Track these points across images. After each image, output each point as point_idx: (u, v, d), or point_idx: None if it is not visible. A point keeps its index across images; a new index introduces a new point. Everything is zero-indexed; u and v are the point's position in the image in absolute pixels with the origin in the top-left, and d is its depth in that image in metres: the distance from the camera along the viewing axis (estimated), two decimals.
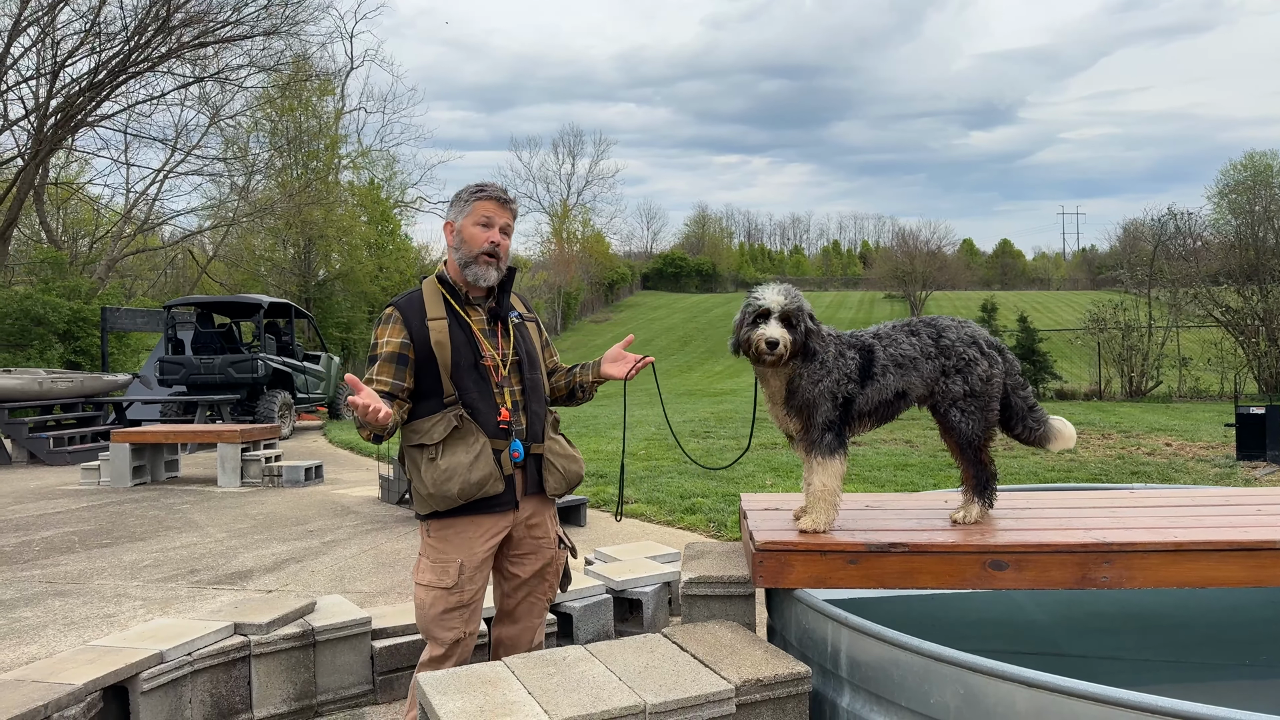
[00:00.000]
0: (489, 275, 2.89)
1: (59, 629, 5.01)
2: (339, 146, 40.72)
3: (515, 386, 2.91)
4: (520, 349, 2.96)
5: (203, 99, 27.80)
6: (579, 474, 3.01)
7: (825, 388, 2.79)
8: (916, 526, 2.89)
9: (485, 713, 2.24)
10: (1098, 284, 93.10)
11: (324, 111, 39.09)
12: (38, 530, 7.70)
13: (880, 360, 2.86)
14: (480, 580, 2.84)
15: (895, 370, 2.87)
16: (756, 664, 2.50)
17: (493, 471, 2.76)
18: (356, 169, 43.87)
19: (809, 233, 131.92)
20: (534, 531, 2.92)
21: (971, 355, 2.92)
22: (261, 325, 15.52)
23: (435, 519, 2.81)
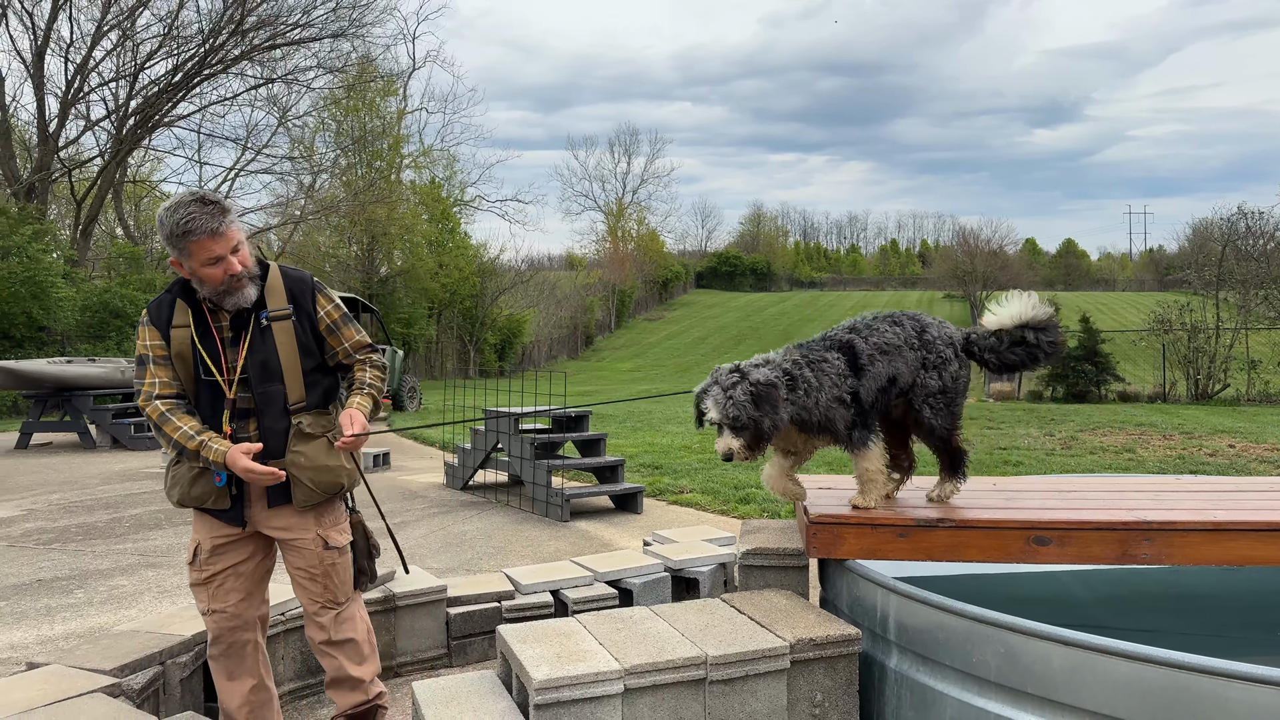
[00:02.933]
0: (248, 296, 2.87)
1: (153, 596, 5.37)
2: (402, 146, 41.57)
3: (247, 402, 2.89)
4: (255, 359, 2.88)
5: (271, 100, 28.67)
6: (335, 482, 2.94)
7: (825, 401, 2.86)
8: (962, 504, 3.04)
9: (560, 658, 2.46)
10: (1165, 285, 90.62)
11: (387, 112, 39.94)
12: (126, 509, 8.16)
13: (864, 351, 2.94)
14: (220, 565, 2.95)
15: (881, 357, 2.96)
16: (809, 625, 2.69)
17: (212, 489, 2.85)
18: (418, 168, 44.74)
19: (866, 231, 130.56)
20: (290, 537, 2.96)
21: (948, 355, 3.04)
22: None
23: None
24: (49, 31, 22.28)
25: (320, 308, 3.00)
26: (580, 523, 7.27)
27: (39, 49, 22.59)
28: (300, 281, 3.00)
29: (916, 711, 2.56)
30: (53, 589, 5.53)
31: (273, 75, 25.86)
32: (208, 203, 2.80)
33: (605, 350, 60.51)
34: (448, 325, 46.21)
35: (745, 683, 2.52)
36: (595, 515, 7.55)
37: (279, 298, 2.94)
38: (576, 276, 66.65)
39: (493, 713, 2.42)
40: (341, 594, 3.06)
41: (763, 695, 2.54)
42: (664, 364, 50.50)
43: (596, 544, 6.55)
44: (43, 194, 22.98)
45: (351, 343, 3.07)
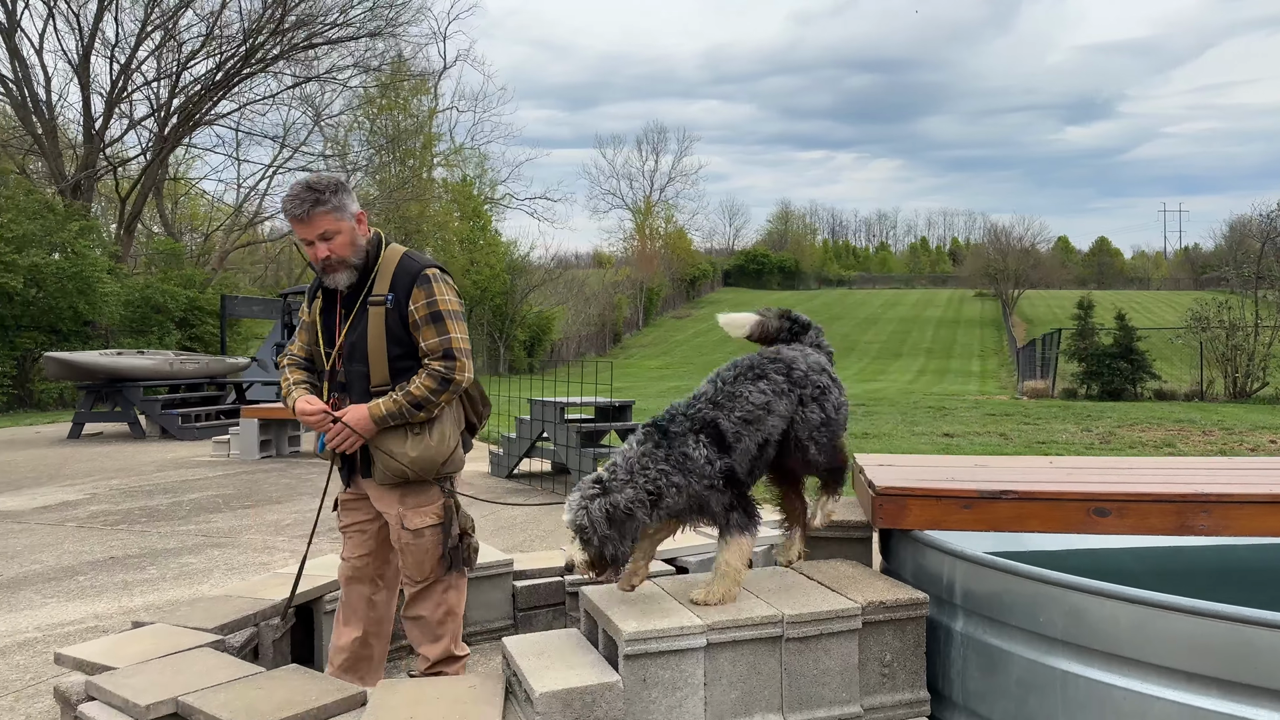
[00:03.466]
0: (339, 280, 3.06)
1: (223, 573, 5.58)
2: (434, 145, 41.98)
3: (343, 376, 3.09)
4: (349, 339, 3.06)
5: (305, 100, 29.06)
6: (399, 469, 3.04)
7: (696, 493, 2.66)
8: (1024, 478, 3.16)
9: (647, 615, 2.61)
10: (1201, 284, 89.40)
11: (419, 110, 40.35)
12: (185, 493, 8.42)
13: (729, 430, 2.71)
14: (346, 519, 3.29)
15: (748, 428, 2.74)
16: (878, 590, 2.82)
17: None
18: (450, 166, 45.17)
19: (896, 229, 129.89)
20: (380, 509, 3.18)
21: (824, 383, 2.88)
22: None
23: None
24: (94, 32, 22.79)
25: (412, 301, 3.04)
26: None
27: (85, 49, 23.09)
28: (406, 272, 3.08)
29: (982, 670, 2.69)
30: (126, 566, 5.77)
31: (310, 74, 26.25)
32: (308, 189, 3.00)
33: (633, 348, 60.69)
34: (478, 322, 46.56)
35: (819, 641, 2.65)
36: None
37: (384, 283, 3.07)
38: (605, 274, 66.92)
39: (583, 664, 2.57)
40: (418, 573, 3.19)
41: (835, 654, 2.67)
42: (691, 361, 50.59)
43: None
44: (88, 191, 23.49)
45: (426, 344, 3.05)
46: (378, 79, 31.13)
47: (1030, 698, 2.54)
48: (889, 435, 12.20)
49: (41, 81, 23.68)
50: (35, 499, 8.21)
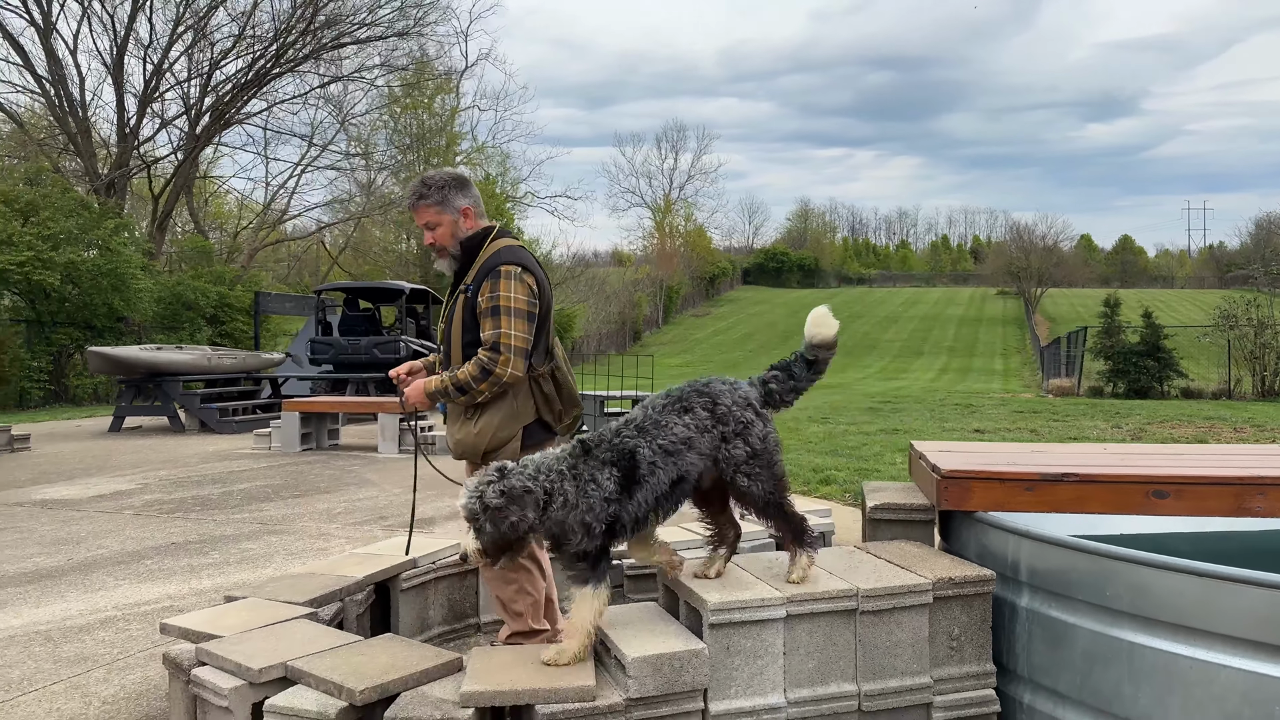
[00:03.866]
0: (441, 267, 3.41)
1: (283, 558, 5.76)
2: (457, 143, 42.24)
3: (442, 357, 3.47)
4: (443, 324, 3.43)
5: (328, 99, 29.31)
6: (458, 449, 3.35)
7: (575, 519, 2.62)
8: (1082, 463, 3.28)
9: (725, 588, 2.75)
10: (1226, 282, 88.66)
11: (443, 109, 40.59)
12: (234, 484, 8.62)
13: (646, 459, 2.71)
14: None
15: (666, 459, 2.73)
16: (945, 568, 2.95)
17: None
18: (473, 165, 45.39)
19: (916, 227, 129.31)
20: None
21: (748, 418, 2.84)
22: (403, 310, 16.54)
23: None
24: (128, 33, 23.16)
25: (481, 293, 3.21)
26: None
27: (119, 50, 23.45)
28: (486, 265, 3.25)
29: (1047, 644, 2.81)
30: (188, 551, 5.96)
31: (339, 74, 26.55)
32: (420, 183, 3.36)
33: (653, 346, 60.82)
34: None
35: (892, 615, 2.78)
36: None
37: (473, 274, 3.29)
38: (625, 273, 67.09)
39: (667, 633, 2.71)
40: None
41: (907, 627, 2.80)
42: (711, 360, 50.70)
43: (686, 518, 6.82)
44: (121, 190, 23.86)
45: (484, 334, 3.19)
46: (402, 78, 31.42)
47: (1095, 669, 2.66)
48: (918, 431, 12.28)
49: (75, 81, 24.12)
50: (89, 488, 8.44)
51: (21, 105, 25.72)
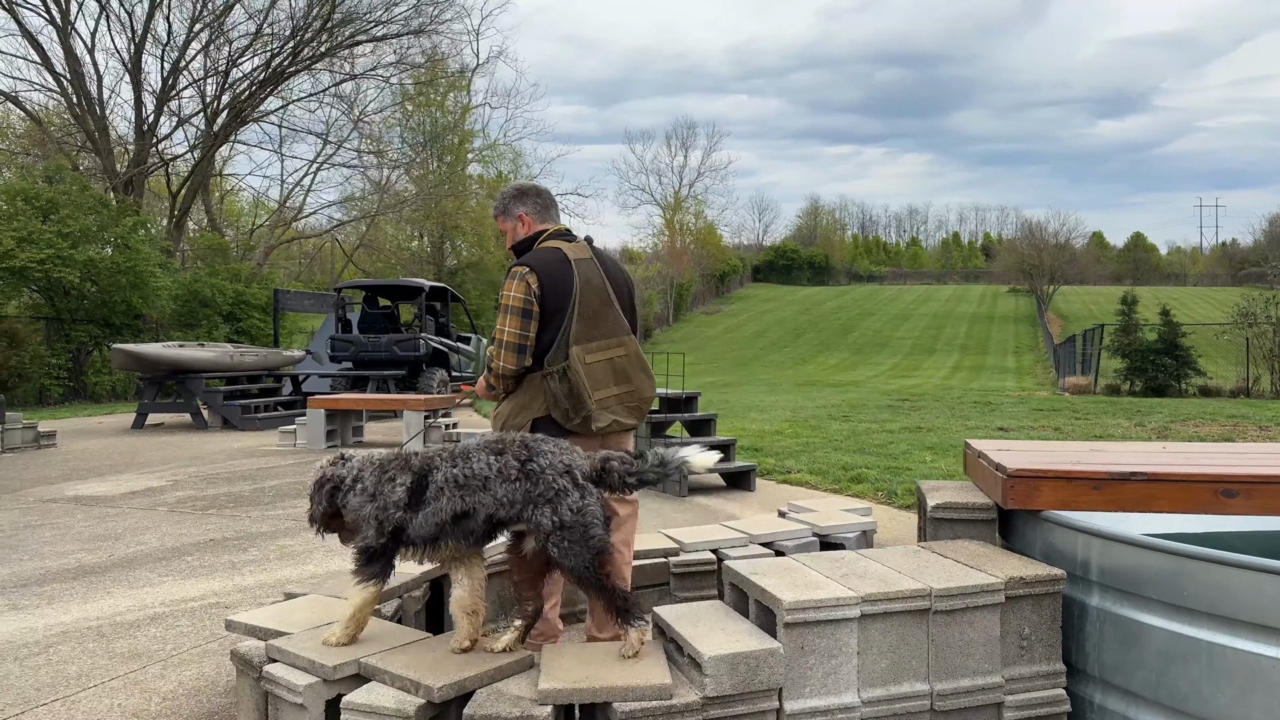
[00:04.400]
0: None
1: (323, 555, 5.78)
2: (470, 141, 42.30)
3: None
4: None
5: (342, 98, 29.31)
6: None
7: (368, 512, 2.82)
8: (1148, 461, 3.26)
9: (798, 587, 2.74)
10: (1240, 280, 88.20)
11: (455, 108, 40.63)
12: (264, 480, 8.66)
13: (435, 482, 2.78)
14: None
15: (453, 490, 2.76)
16: (1015, 567, 2.94)
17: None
18: (485, 162, 45.47)
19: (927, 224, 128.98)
20: None
21: (562, 485, 2.75)
22: (422, 308, 16.57)
23: None
24: (146, 31, 23.23)
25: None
26: (698, 498, 7.57)
27: (136, 48, 23.53)
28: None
29: (1121, 643, 2.79)
30: (228, 548, 5.98)
31: (354, 72, 26.60)
32: (499, 195, 3.73)
33: (664, 343, 60.80)
34: None
35: (964, 614, 2.77)
36: (710, 492, 7.83)
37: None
38: (636, 270, 67.06)
39: (740, 631, 2.71)
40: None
41: (979, 626, 2.79)
42: (723, 357, 50.66)
43: (721, 517, 6.83)
44: (139, 187, 23.95)
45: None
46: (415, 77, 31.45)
47: (1172, 668, 2.65)
48: (942, 429, 12.25)
49: (93, 79, 24.22)
50: (121, 485, 8.48)
51: (40, 103, 25.86)
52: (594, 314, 3.34)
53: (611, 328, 3.38)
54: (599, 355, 3.32)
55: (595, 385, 3.30)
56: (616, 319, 3.40)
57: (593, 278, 3.37)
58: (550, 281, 3.33)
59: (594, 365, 3.30)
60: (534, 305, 3.30)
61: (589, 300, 3.34)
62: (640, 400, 3.40)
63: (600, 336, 3.35)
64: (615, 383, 3.34)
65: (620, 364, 3.36)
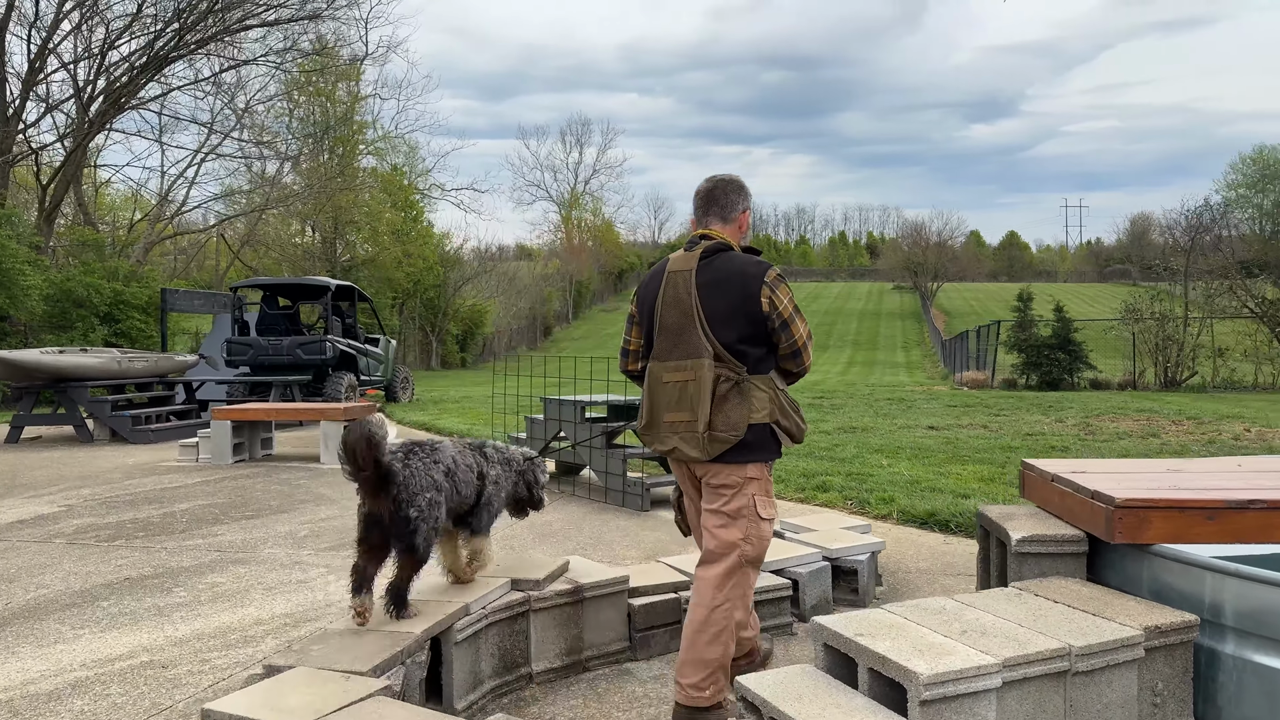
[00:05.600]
0: None
1: (262, 593, 5.10)
2: (363, 132, 40.73)
3: None
4: None
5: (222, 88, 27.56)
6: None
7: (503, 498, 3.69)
8: (1248, 484, 2.98)
9: (925, 653, 2.33)
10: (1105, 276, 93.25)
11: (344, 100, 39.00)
12: (173, 503, 7.79)
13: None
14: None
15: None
16: (1140, 613, 2.60)
17: None
18: (379, 155, 43.92)
19: (814, 223, 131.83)
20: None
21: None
22: (328, 308, 15.60)
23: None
24: (10, 9, 21.26)
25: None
26: (661, 512, 7.13)
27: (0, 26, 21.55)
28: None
29: (1266, 696, 2.49)
30: (148, 588, 5.23)
31: (241, 58, 25.05)
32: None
33: (564, 341, 60.22)
34: (410, 316, 45.53)
35: (1104, 674, 2.42)
36: (669, 505, 7.40)
37: None
38: (534, 267, 66.15)
39: (856, 708, 2.28)
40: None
41: (1117, 686, 2.45)
42: None
43: None
44: (3, 178, 21.98)
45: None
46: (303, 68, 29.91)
47: None
48: (877, 429, 12.15)
49: None
50: (4, 513, 7.48)
51: None
52: (674, 332, 3.12)
53: (689, 349, 3.06)
54: (674, 376, 3.10)
55: (666, 406, 3.12)
56: (696, 342, 3.04)
57: (679, 295, 3.11)
58: (642, 292, 3.34)
59: (668, 385, 3.11)
60: (634, 311, 3.38)
61: (667, 317, 3.14)
62: (698, 432, 3.02)
63: (679, 356, 3.10)
64: (685, 408, 3.06)
65: (690, 389, 3.05)
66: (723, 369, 3.01)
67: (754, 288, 3.04)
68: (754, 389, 3.02)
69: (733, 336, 3.03)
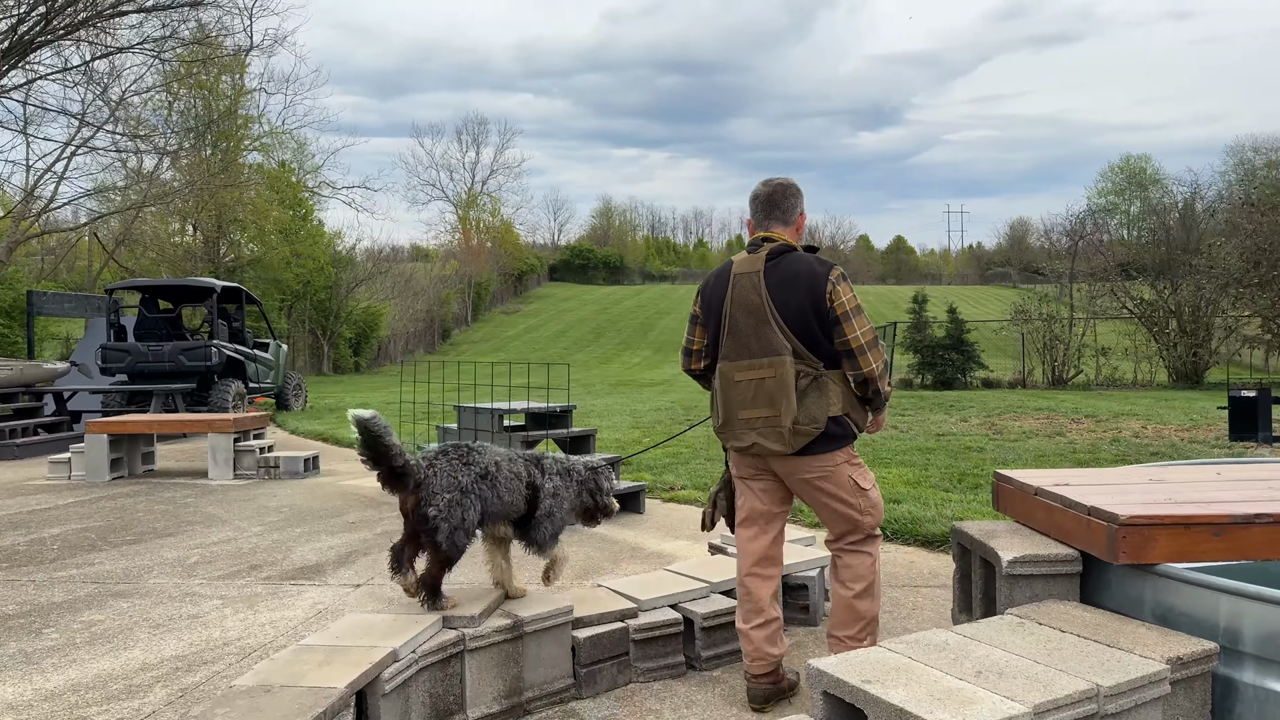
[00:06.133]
0: None
1: (148, 632, 4.53)
2: (248, 127, 38.96)
3: None
4: None
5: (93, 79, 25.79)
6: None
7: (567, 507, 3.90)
8: (1244, 497, 2.82)
9: (941, 701, 2.06)
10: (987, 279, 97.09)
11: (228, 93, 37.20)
12: (42, 528, 7.02)
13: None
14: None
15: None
16: (1156, 642, 2.39)
17: None
18: (265, 151, 42.12)
19: (711, 226, 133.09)
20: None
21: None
22: (214, 310, 14.64)
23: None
24: None
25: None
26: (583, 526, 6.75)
27: None
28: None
29: None
30: (13, 629, 4.59)
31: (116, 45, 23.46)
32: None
33: (463, 344, 59.06)
34: (299, 319, 43.81)
35: (1132, 714, 2.19)
36: None
37: None
38: (431, 268, 64.64)
39: None
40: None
41: None
42: (526, 358, 49.69)
43: (625, 549, 6.09)
44: None
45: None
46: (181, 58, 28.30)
47: None
48: None
49: None
50: None
51: None
52: (745, 332, 3.27)
53: (764, 347, 3.23)
54: (747, 374, 3.26)
55: (742, 404, 3.29)
56: (771, 339, 3.21)
57: (748, 296, 3.28)
58: (707, 294, 3.49)
59: (742, 384, 3.27)
60: (697, 310, 3.52)
61: (737, 318, 3.29)
62: (781, 426, 3.19)
63: (751, 355, 3.26)
64: (762, 405, 3.23)
65: (768, 386, 3.21)
66: (801, 365, 3.18)
67: (821, 286, 3.19)
68: (830, 384, 3.20)
69: (807, 333, 3.19)
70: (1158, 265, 27.13)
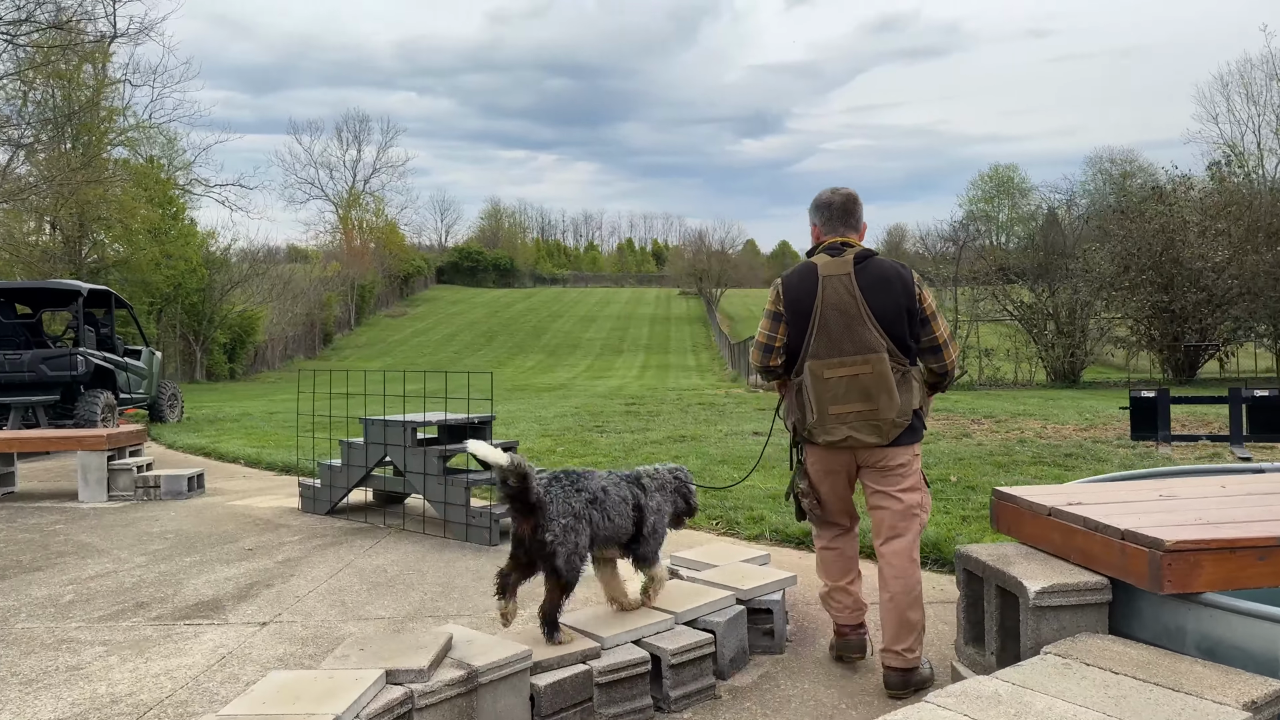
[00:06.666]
0: None
1: (18, 690, 3.90)
2: (113, 120, 36.58)
3: None
4: None
5: None
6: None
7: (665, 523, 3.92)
8: (1272, 515, 2.66)
9: None
10: None
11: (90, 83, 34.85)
12: None
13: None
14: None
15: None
16: (1219, 683, 2.17)
17: None
18: (132, 145, 39.70)
19: (601, 229, 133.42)
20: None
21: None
22: (80, 315, 13.46)
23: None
24: None
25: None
26: None
27: None
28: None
29: None
30: None
31: None
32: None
33: (347, 349, 57.12)
34: (170, 323, 41.45)
35: None
36: None
37: None
38: (312, 269, 62.26)
39: None
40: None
41: None
42: (415, 363, 48.39)
43: None
44: None
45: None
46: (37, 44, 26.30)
47: None
48: (708, 438, 11.82)
49: None
50: None
51: None
52: (837, 331, 3.38)
53: (858, 345, 3.36)
54: (839, 371, 3.37)
55: (834, 400, 3.40)
56: (865, 337, 3.35)
57: (840, 296, 3.39)
58: (792, 294, 3.55)
59: (832, 380, 3.38)
60: (780, 309, 3.57)
61: (829, 318, 3.39)
62: (880, 419, 3.37)
63: (843, 353, 3.37)
64: (856, 399, 3.36)
65: (865, 381, 3.35)
66: (894, 361, 3.36)
67: (911, 288, 3.44)
68: (913, 379, 3.42)
69: (899, 332, 3.38)
70: (1036, 269, 28.25)
